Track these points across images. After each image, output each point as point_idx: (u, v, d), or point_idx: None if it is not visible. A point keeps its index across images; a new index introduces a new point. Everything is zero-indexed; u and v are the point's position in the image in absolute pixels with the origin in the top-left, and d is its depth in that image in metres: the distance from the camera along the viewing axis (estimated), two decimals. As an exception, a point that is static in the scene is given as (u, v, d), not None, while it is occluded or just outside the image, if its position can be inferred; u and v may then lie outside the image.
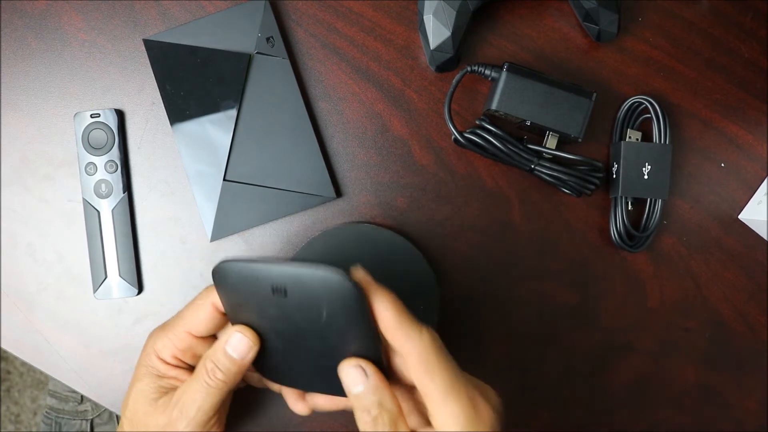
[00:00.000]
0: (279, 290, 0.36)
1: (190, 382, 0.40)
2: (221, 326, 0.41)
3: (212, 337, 0.42)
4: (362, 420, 0.35)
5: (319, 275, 0.34)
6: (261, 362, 0.40)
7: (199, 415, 0.39)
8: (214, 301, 0.40)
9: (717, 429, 0.52)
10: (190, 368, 0.42)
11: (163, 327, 0.42)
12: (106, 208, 0.50)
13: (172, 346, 0.41)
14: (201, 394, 0.39)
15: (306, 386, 0.41)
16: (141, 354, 0.42)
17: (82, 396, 0.71)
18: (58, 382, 0.69)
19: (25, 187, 0.51)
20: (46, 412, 0.70)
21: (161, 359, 0.41)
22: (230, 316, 0.40)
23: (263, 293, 0.36)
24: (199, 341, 0.42)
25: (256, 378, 0.45)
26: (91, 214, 0.50)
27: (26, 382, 1.25)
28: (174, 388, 0.41)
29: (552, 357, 0.51)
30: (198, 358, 0.41)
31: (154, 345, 0.41)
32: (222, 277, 0.38)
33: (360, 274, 0.35)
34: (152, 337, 0.42)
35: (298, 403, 0.43)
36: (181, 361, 0.42)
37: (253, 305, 0.38)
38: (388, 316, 0.35)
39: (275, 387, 0.44)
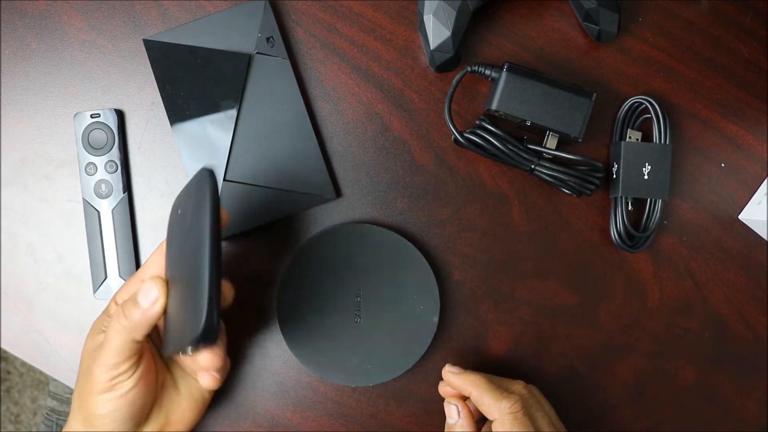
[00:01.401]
0: (182, 205, 0.39)
1: (108, 324, 0.41)
2: None
3: None
4: None
5: (194, 177, 0.38)
6: (165, 337, 0.40)
7: (106, 357, 0.40)
8: (165, 246, 0.42)
9: (717, 429, 0.52)
10: None
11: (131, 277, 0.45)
12: (106, 208, 0.50)
13: (125, 289, 0.43)
14: (108, 338, 0.40)
15: (173, 348, 0.38)
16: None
17: None
18: (59, 383, 0.69)
19: (25, 187, 0.51)
20: (47, 413, 0.70)
21: (114, 301, 0.44)
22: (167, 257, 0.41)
23: (177, 216, 0.39)
24: None
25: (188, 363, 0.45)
26: (91, 214, 0.50)
27: (26, 383, 1.25)
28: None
29: (552, 357, 0.51)
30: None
31: (118, 290, 0.44)
32: (173, 206, 0.41)
33: None
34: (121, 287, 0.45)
35: (201, 374, 0.44)
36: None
37: (171, 237, 0.40)
38: (473, 394, 0.45)
39: (189, 370, 0.45)
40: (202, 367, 0.43)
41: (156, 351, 0.44)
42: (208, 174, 0.37)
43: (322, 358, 0.49)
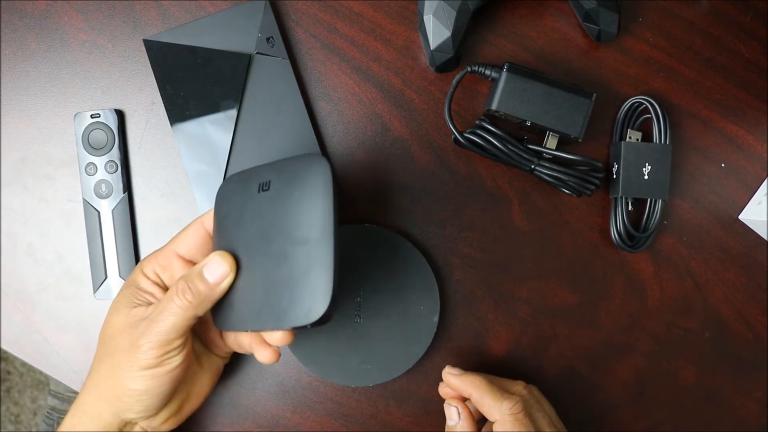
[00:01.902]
0: (264, 185, 0.37)
1: (161, 300, 0.40)
2: (206, 253, 0.42)
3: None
4: None
5: (302, 158, 0.37)
6: (218, 313, 0.40)
7: (161, 333, 0.38)
8: (205, 221, 0.41)
9: (717, 429, 0.52)
10: (167, 289, 0.42)
11: (155, 251, 0.43)
12: (106, 208, 0.50)
13: (155, 262, 0.42)
14: (166, 313, 0.38)
15: (250, 324, 0.39)
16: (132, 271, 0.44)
17: None
18: (60, 382, 0.69)
19: (25, 187, 0.51)
20: (47, 412, 0.70)
21: (143, 273, 0.42)
22: (215, 240, 0.40)
23: (250, 193, 0.38)
24: (182, 263, 0.42)
25: (231, 339, 0.45)
26: (91, 214, 0.50)
27: (26, 383, 1.25)
28: (148, 304, 0.41)
29: (552, 357, 0.51)
30: (175, 279, 0.42)
31: (141, 262, 0.43)
32: (224, 186, 0.39)
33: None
34: (143, 259, 0.43)
35: (265, 350, 0.43)
36: (160, 278, 0.42)
37: (238, 215, 0.38)
38: (474, 395, 0.45)
39: (244, 344, 0.44)
40: (271, 344, 0.42)
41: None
42: (325, 163, 0.37)
43: (322, 358, 0.49)
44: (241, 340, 0.44)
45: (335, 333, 0.49)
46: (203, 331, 0.45)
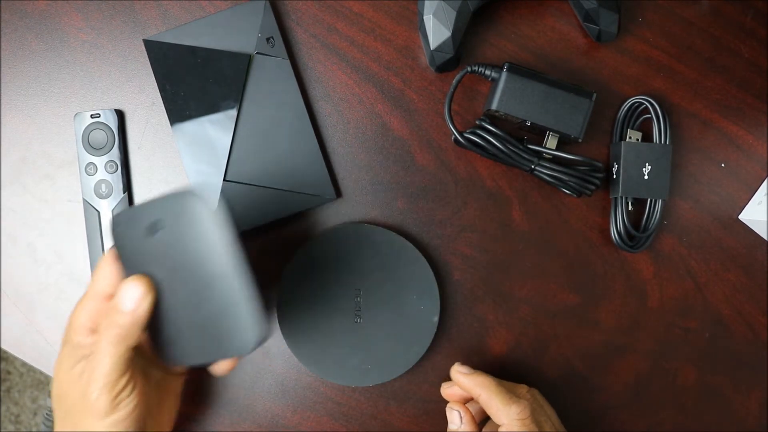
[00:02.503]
0: (155, 226, 0.37)
1: (94, 347, 0.39)
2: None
3: None
4: None
5: (179, 195, 0.37)
6: (155, 341, 0.40)
7: (104, 376, 0.38)
8: (111, 252, 0.40)
9: (717, 429, 0.52)
10: None
11: (79, 300, 0.42)
12: (106, 208, 0.50)
13: (85, 313, 0.40)
14: (101, 355, 0.38)
15: (195, 358, 0.39)
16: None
17: None
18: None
19: (25, 187, 0.51)
20: (47, 413, 0.70)
21: (76, 328, 0.41)
22: (125, 273, 0.39)
23: (143, 235, 0.38)
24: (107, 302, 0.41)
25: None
26: (91, 214, 0.50)
27: (26, 383, 1.25)
28: (86, 357, 0.40)
29: (552, 357, 0.51)
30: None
31: (70, 317, 0.41)
32: (116, 226, 0.39)
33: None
34: (71, 314, 0.42)
35: (218, 366, 0.43)
36: (96, 325, 0.41)
37: (138, 254, 0.38)
38: (482, 397, 0.45)
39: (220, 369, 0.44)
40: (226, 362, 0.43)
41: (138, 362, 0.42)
42: (198, 199, 0.37)
43: (322, 359, 0.49)
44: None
45: (335, 333, 0.49)
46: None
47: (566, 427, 0.46)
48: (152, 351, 0.40)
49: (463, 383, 0.46)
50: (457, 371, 0.47)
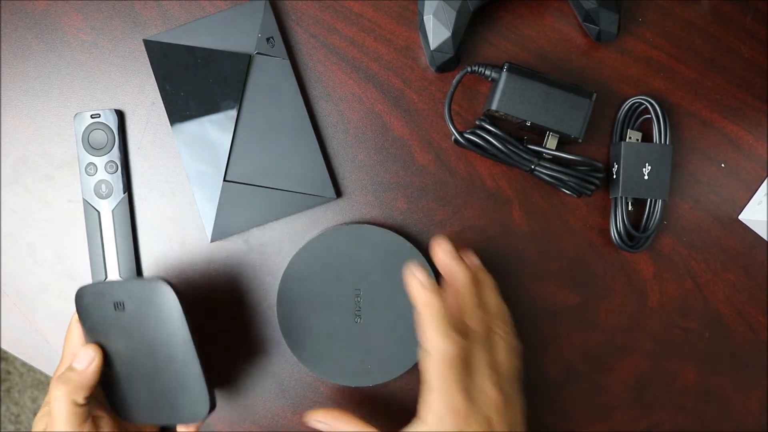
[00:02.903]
0: (119, 305, 0.43)
1: (50, 401, 0.43)
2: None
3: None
4: None
5: (145, 283, 0.43)
6: (116, 403, 0.45)
7: (62, 426, 0.41)
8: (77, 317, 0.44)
9: (717, 429, 0.52)
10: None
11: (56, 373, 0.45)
12: (106, 208, 0.50)
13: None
14: (56, 408, 0.42)
15: (141, 418, 0.45)
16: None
17: None
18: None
19: (25, 187, 0.51)
20: None
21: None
22: (87, 340, 0.44)
23: (108, 310, 0.43)
24: None
25: None
26: (91, 214, 0.50)
27: (26, 383, 1.25)
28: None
29: (552, 357, 0.51)
30: None
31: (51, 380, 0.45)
32: (78, 299, 0.43)
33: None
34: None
35: (183, 427, 0.46)
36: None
37: (101, 325, 0.43)
38: (425, 311, 0.42)
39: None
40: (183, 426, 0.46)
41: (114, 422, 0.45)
42: (168, 288, 0.42)
43: (322, 359, 0.49)
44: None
45: (335, 333, 0.49)
46: None
47: (566, 426, 0.46)
48: (111, 408, 0.45)
49: (441, 262, 0.46)
50: (439, 244, 0.46)
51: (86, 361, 0.42)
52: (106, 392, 0.45)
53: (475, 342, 0.42)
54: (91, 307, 0.43)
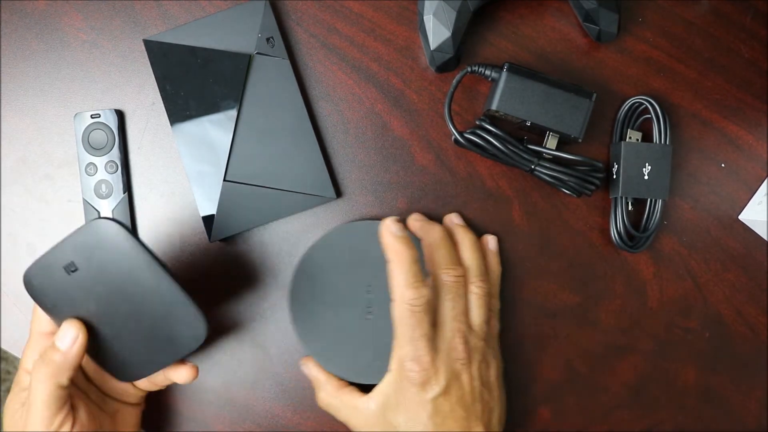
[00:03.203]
0: (70, 267, 0.40)
1: (30, 384, 0.40)
2: None
3: None
4: None
5: (88, 229, 0.40)
6: (114, 367, 0.42)
7: (38, 412, 0.39)
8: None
9: (717, 429, 0.52)
10: None
11: (26, 342, 0.44)
12: (107, 208, 0.50)
13: (30, 352, 0.42)
14: (37, 390, 0.39)
15: (145, 370, 0.43)
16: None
17: None
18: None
19: (25, 187, 0.51)
20: None
21: (26, 370, 0.42)
22: (54, 319, 0.42)
23: (61, 279, 0.40)
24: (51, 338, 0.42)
25: (159, 378, 0.46)
26: (92, 214, 0.50)
27: (26, 382, 1.25)
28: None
29: (552, 357, 0.51)
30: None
31: (21, 361, 0.43)
32: (28, 285, 0.41)
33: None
34: (22, 357, 0.43)
35: (179, 371, 0.44)
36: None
37: (62, 297, 0.41)
38: (394, 260, 0.43)
39: (157, 379, 0.45)
40: (181, 366, 0.44)
41: (89, 398, 0.44)
42: (111, 223, 0.40)
43: (334, 355, 0.48)
44: (153, 378, 0.45)
45: (347, 330, 0.48)
46: (110, 387, 0.45)
47: (566, 426, 0.46)
48: (110, 374, 0.43)
49: (414, 227, 0.47)
50: (415, 220, 0.48)
51: (69, 339, 0.40)
52: (98, 360, 0.43)
53: (446, 296, 0.43)
54: (44, 286, 0.41)
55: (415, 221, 0.48)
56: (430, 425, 0.41)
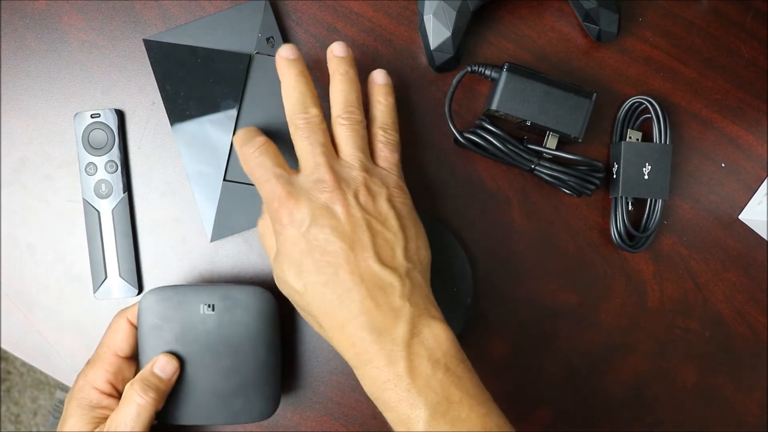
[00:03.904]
0: (208, 306, 0.44)
1: (121, 407, 0.41)
2: (134, 346, 0.44)
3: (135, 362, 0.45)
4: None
5: (248, 290, 0.45)
6: (169, 406, 0.44)
7: None
8: (128, 317, 0.44)
9: (717, 429, 0.52)
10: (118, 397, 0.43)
11: (90, 360, 0.44)
12: (106, 208, 0.50)
13: (104, 371, 0.43)
14: (132, 415, 0.40)
15: (203, 419, 0.45)
16: (71, 391, 0.44)
17: None
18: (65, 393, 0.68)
19: (25, 187, 0.51)
20: (56, 405, 0.70)
21: (96, 388, 0.43)
22: (144, 343, 0.43)
23: (192, 311, 0.44)
24: (126, 363, 0.44)
25: None
26: (91, 214, 0.50)
27: (26, 382, 1.25)
28: (106, 418, 0.42)
29: (552, 357, 0.51)
30: (127, 381, 0.43)
31: (86, 377, 0.43)
32: (152, 297, 0.43)
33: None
34: (82, 373, 0.44)
35: None
36: (114, 387, 0.43)
37: (177, 328, 0.44)
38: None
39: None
40: None
41: None
42: (271, 298, 0.45)
43: None
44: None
45: None
46: None
47: (566, 426, 0.46)
48: (161, 410, 0.43)
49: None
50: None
51: (171, 371, 0.42)
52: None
53: (298, 138, 0.42)
54: (168, 308, 0.43)
55: (279, 58, 0.44)
56: (310, 264, 0.38)
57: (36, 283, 0.51)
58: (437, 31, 0.48)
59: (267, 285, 0.50)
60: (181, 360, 0.43)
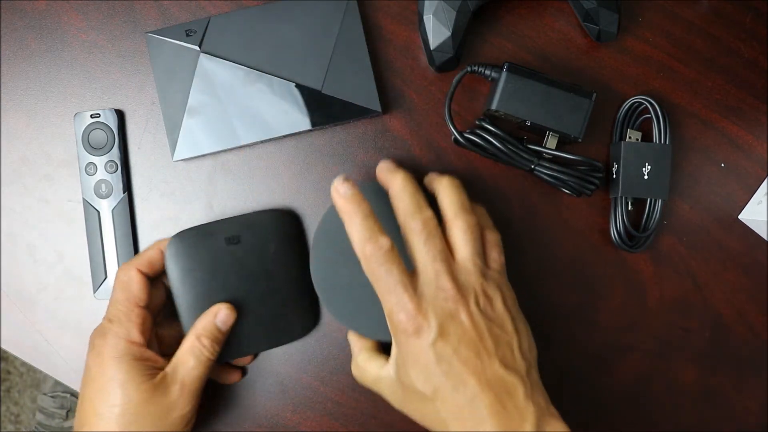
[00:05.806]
0: (232, 239, 0.45)
1: (184, 358, 0.43)
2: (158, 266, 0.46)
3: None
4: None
5: (268, 213, 0.47)
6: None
7: (197, 387, 0.42)
8: (138, 267, 0.44)
9: (717, 429, 0.52)
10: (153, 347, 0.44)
11: (111, 319, 0.43)
12: (106, 208, 0.50)
13: (133, 324, 0.43)
14: (200, 367, 0.43)
15: (253, 348, 0.47)
16: (101, 356, 0.42)
17: (67, 412, 0.71)
18: (46, 396, 0.68)
19: (25, 187, 0.51)
20: (36, 426, 0.70)
21: (133, 342, 0.42)
22: (183, 289, 0.45)
23: (218, 246, 0.45)
24: (148, 312, 0.44)
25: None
26: (91, 214, 0.50)
27: (26, 382, 1.25)
28: (155, 369, 0.42)
29: (552, 357, 0.51)
30: (150, 330, 0.44)
31: (117, 335, 0.42)
32: (180, 242, 0.45)
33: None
34: (110, 333, 0.42)
35: (234, 374, 0.49)
36: (145, 338, 0.43)
37: (209, 265, 0.45)
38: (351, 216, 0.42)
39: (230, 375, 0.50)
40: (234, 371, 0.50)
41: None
42: (296, 215, 0.48)
43: (356, 315, 0.46)
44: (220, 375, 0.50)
45: (368, 288, 0.44)
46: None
47: (567, 427, 0.46)
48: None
49: (382, 177, 0.45)
50: (381, 168, 0.45)
51: (231, 323, 0.44)
52: None
53: (416, 241, 0.40)
54: (196, 248, 0.45)
55: (380, 171, 0.45)
56: (438, 373, 0.38)
57: (36, 283, 0.51)
58: (437, 31, 0.48)
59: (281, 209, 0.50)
60: (226, 300, 0.45)
